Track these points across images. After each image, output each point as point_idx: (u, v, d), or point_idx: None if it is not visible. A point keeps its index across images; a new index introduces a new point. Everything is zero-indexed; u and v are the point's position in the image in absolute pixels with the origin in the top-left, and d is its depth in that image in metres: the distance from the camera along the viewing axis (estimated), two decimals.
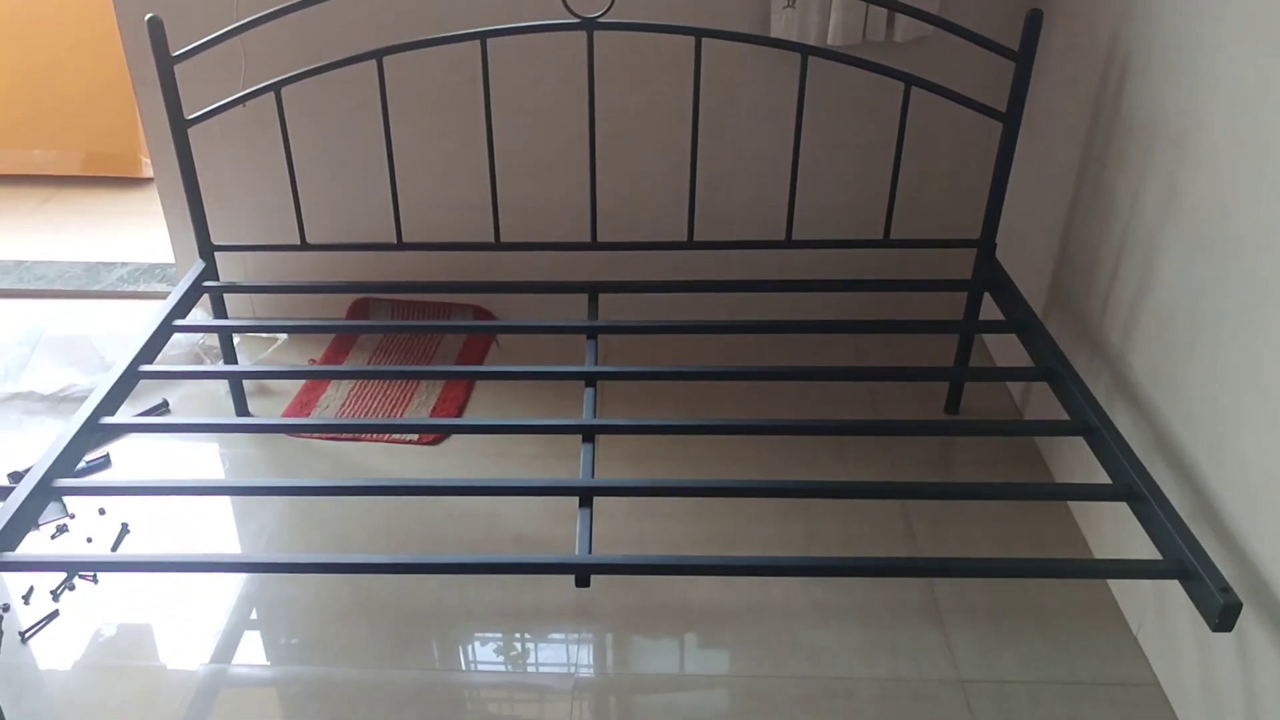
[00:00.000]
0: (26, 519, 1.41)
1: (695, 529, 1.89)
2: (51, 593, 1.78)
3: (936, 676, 1.61)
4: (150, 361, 1.77)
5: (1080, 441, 1.57)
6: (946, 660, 1.63)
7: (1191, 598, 1.25)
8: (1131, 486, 1.38)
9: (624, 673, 1.64)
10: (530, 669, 1.66)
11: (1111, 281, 1.75)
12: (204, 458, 2.12)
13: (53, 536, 1.91)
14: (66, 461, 1.50)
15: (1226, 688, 1.38)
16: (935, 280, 2.02)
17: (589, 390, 1.63)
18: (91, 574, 1.82)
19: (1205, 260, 1.46)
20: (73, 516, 1.96)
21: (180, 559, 1.37)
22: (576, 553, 1.30)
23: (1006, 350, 2.22)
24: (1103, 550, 1.78)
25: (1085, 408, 1.52)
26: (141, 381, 1.79)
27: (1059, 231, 1.97)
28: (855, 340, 2.45)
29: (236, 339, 2.32)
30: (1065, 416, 1.63)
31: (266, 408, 2.26)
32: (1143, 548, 1.50)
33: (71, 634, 1.71)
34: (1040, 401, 2.05)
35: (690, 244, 1.99)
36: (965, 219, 2.28)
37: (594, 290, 1.92)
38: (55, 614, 1.74)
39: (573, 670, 1.64)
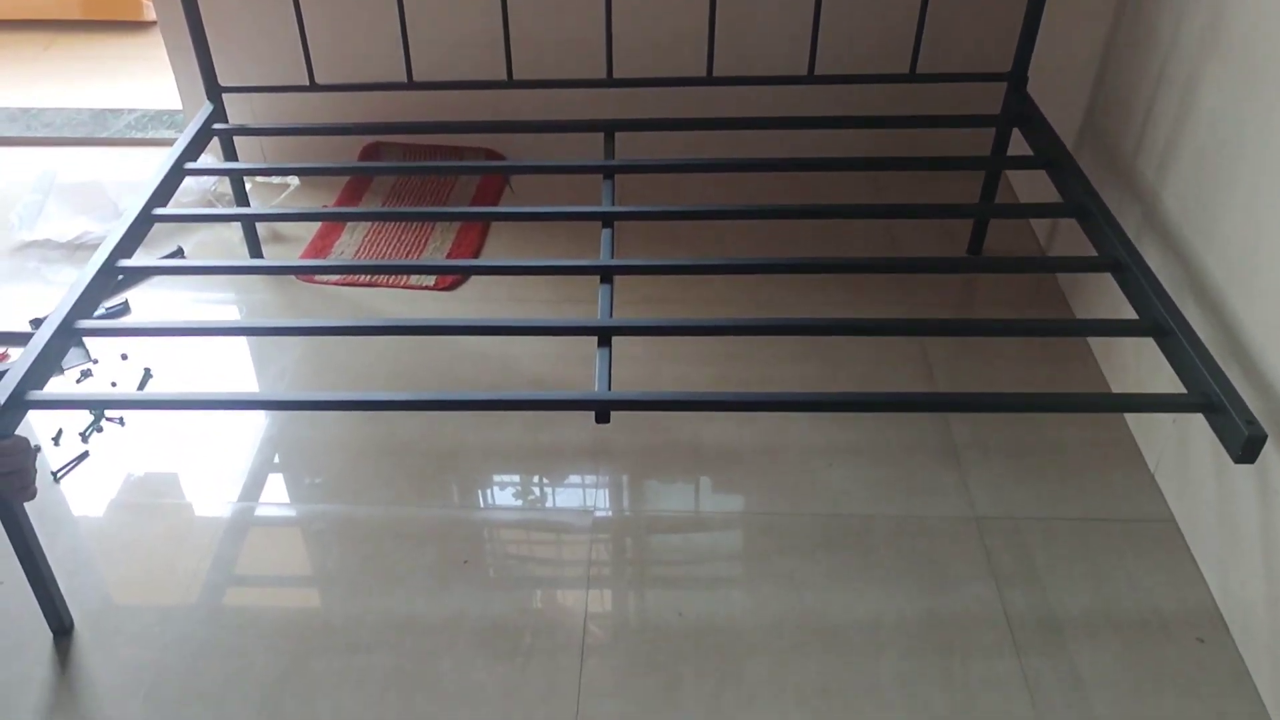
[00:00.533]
0: (51, 360, 1.41)
1: (711, 372, 1.89)
2: (80, 434, 1.81)
3: (951, 514, 1.63)
4: (163, 206, 1.74)
5: (1105, 284, 1.54)
6: (962, 498, 1.65)
7: (1215, 430, 1.24)
8: (1159, 322, 1.35)
9: (641, 511, 1.67)
10: (549, 507, 1.69)
11: (1148, 116, 1.68)
12: (221, 305, 2.12)
13: (77, 381, 1.94)
14: (87, 304, 1.50)
15: (1243, 522, 1.39)
16: (963, 115, 1.95)
17: (606, 231, 1.60)
18: (118, 416, 1.85)
19: (1248, 94, 1.40)
20: (96, 362, 1.97)
21: (206, 398, 1.38)
22: (596, 390, 1.30)
23: (1033, 194, 2.17)
24: (1124, 390, 1.77)
25: (1115, 243, 1.48)
26: (156, 227, 1.77)
27: (1095, 63, 1.89)
28: (876, 181, 2.39)
29: (248, 186, 2.29)
30: (1093, 255, 1.59)
31: (281, 255, 2.24)
32: (1167, 387, 1.49)
33: (101, 474, 1.75)
34: (1066, 243, 2.01)
35: (709, 80, 1.92)
36: (996, 51, 2.19)
37: (610, 129, 1.87)
38: (85, 455, 1.78)
39: (591, 509, 1.67)
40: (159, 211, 1.70)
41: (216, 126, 1.93)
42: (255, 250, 2.16)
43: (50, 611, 1.46)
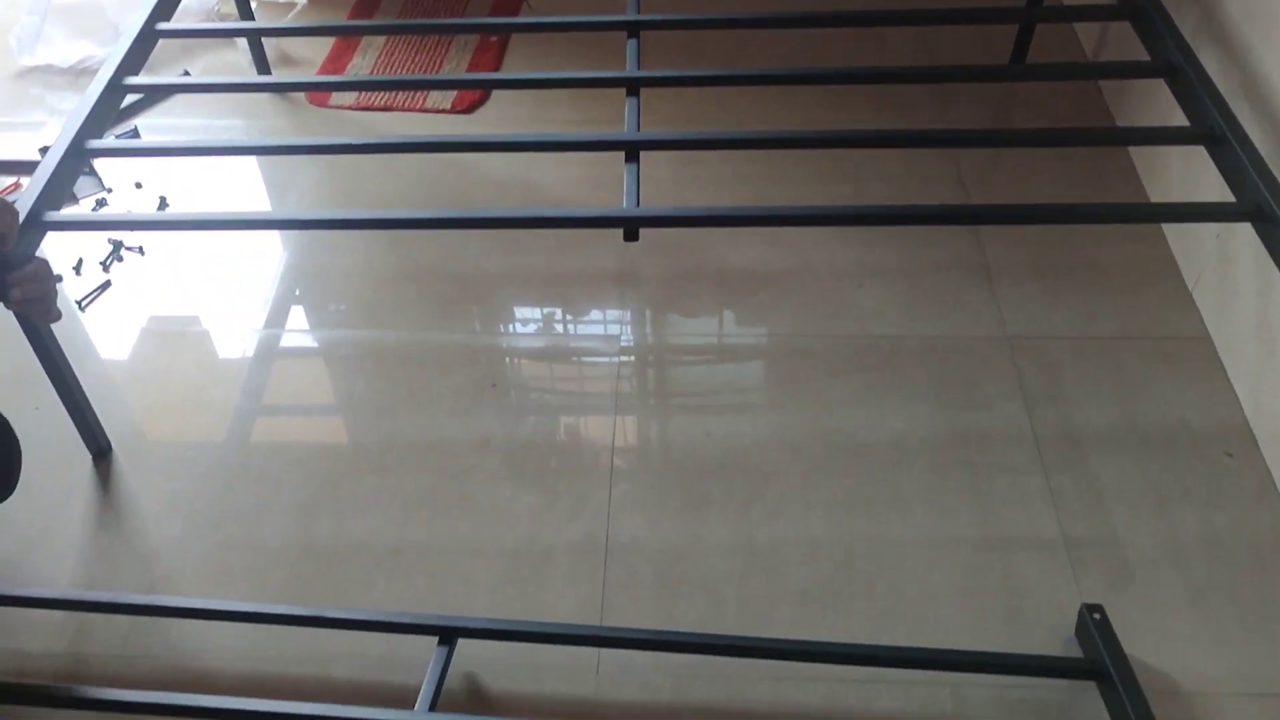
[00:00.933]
0: (64, 182, 1.38)
1: (739, 194, 1.84)
2: (101, 263, 1.80)
3: (982, 334, 1.61)
4: (166, 22, 1.66)
5: (1152, 96, 1.46)
6: (993, 317, 1.63)
7: (1264, 240, 1.20)
8: (1213, 128, 1.29)
9: (668, 335, 1.66)
10: (574, 333, 1.68)
11: None
12: (232, 132, 2.06)
13: (93, 210, 1.91)
14: (95, 123, 1.45)
15: None
16: None
17: (632, 42, 1.52)
18: (138, 245, 1.82)
19: None
20: (110, 191, 1.94)
21: (226, 217, 1.35)
22: (625, 206, 1.26)
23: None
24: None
25: (1170, 47, 1.40)
26: (159, 52, 1.70)
27: None
28: None
29: (253, 4, 2.18)
30: (1145, 60, 1.51)
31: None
32: (1213, 199, 1.44)
33: (125, 303, 1.74)
34: (1116, 53, 1.91)
35: None
36: None
37: None
38: (107, 284, 1.77)
39: (617, 333, 1.66)
40: (162, 27, 1.63)
41: None
42: (264, 72, 2.07)
43: (88, 435, 1.48)
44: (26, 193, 1.31)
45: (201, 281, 1.77)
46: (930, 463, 1.44)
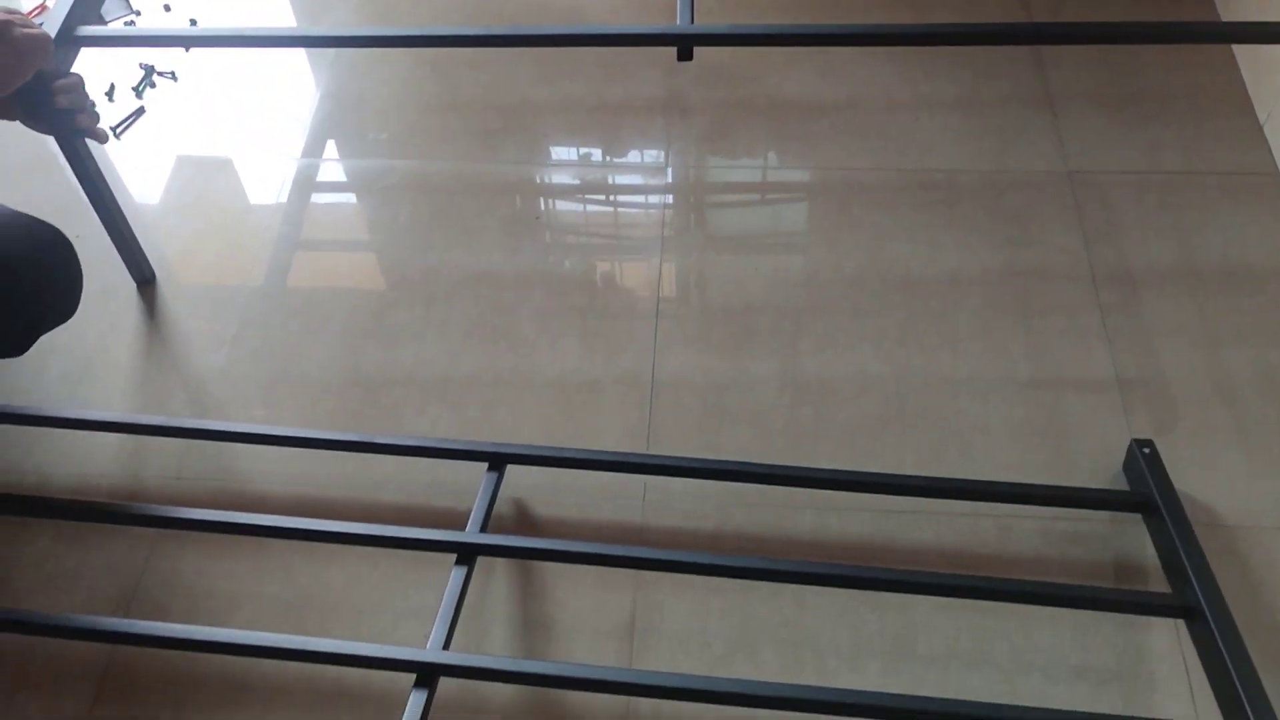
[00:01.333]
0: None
1: (794, 21, 1.76)
2: (134, 89, 1.75)
3: (1043, 168, 1.55)
4: None
5: None
6: (1055, 150, 1.57)
7: None
8: None
9: (717, 167, 1.61)
10: (621, 164, 1.64)
11: None
12: None
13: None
14: None
15: None
16: None
17: None
18: (170, 71, 1.78)
19: None
20: (138, 13, 1.88)
21: (267, 33, 1.30)
22: (679, 23, 1.20)
23: None
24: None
25: None
26: None
27: None
28: None
29: None
30: None
31: None
32: None
33: (161, 131, 1.70)
34: None
35: None
36: None
37: None
38: (141, 111, 1.73)
39: (664, 165, 1.61)
40: None
41: None
42: None
43: (132, 263, 1.47)
44: (55, 10, 1.26)
45: (236, 109, 1.72)
46: (985, 298, 1.42)
